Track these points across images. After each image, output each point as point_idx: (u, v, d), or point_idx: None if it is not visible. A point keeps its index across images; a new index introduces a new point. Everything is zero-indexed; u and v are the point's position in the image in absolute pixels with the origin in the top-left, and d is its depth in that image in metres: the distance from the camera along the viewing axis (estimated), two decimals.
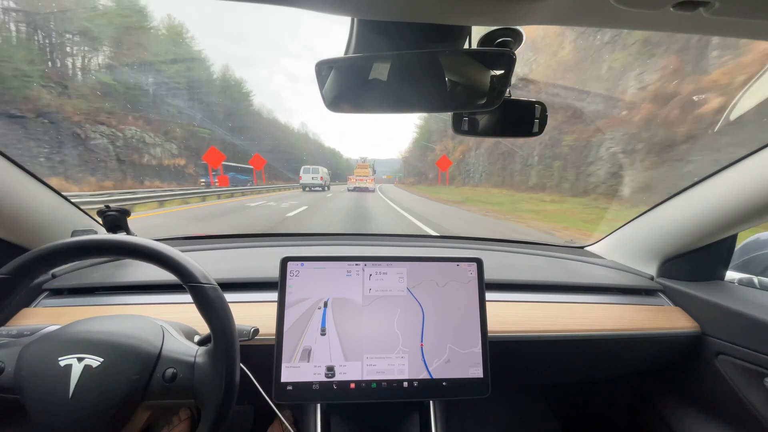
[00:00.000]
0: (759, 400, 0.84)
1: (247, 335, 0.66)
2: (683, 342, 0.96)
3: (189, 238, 1.32)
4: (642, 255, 1.15)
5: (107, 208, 1.03)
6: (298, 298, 0.75)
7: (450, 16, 0.45)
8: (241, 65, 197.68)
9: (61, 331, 0.57)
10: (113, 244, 0.57)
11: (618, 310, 0.99)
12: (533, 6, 0.40)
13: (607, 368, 1.06)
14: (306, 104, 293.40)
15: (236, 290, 0.90)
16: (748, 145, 0.79)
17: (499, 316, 0.89)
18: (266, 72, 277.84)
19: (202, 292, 0.56)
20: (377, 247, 1.27)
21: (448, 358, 0.76)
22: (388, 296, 0.77)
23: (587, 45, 13.86)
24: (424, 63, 0.56)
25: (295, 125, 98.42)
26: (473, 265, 0.81)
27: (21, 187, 0.83)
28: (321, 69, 0.56)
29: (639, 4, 0.37)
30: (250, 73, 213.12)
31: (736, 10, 0.37)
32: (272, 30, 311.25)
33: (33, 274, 0.55)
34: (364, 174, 28.05)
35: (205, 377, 0.55)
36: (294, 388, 0.72)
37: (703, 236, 0.95)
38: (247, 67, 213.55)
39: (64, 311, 0.83)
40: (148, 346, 0.56)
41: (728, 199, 0.86)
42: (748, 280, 1.04)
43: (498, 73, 0.57)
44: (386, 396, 0.73)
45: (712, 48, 8.38)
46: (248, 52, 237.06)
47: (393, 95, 0.59)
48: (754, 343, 0.83)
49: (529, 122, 0.73)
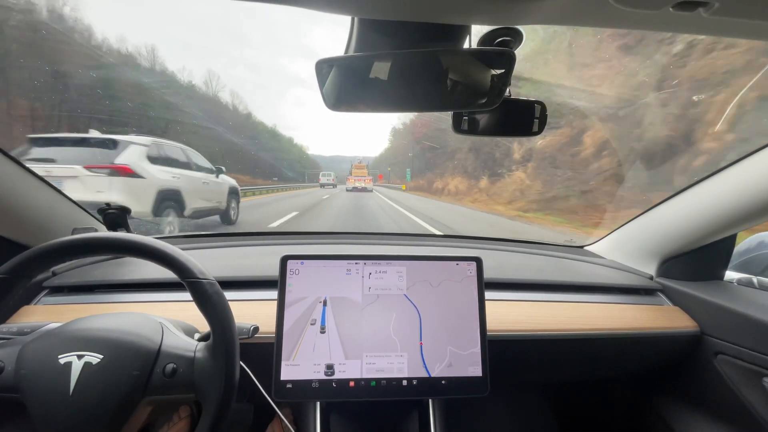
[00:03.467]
0: (758, 400, 0.84)
1: (247, 333, 0.67)
2: (682, 342, 0.97)
3: (189, 236, 1.33)
4: (641, 254, 1.15)
5: (107, 206, 1.04)
6: (297, 297, 0.75)
7: (450, 16, 0.45)
8: (200, 56, 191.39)
9: (60, 330, 0.58)
10: (111, 242, 0.57)
11: (617, 310, 0.99)
12: (533, 6, 0.40)
13: (605, 367, 1.06)
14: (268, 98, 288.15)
15: (236, 288, 0.90)
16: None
17: (498, 315, 0.89)
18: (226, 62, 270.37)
19: (200, 288, 0.56)
20: (377, 246, 1.28)
21: (449, 362, 0.76)
22: (388, 295, 0.78)
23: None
24: (424, 62, 0.56)
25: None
26: (473, 264, 0.81)
27: (21, 184, 0.83)
28: (321, 68, 0.56)
29: (638, 4, 0.37)
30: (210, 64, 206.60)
31: (735, 10, 0.37)
32: (232, 19, 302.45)
33: (31, 272, 0.55)
34: (361, 174, 28.70)
35: (205, 372, 0.55)
36: (293, 386, 0.72)
37: (702, 236, 0.95)
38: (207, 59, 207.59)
39: (64, 309, 0.84)
40: (147, 342, 0.57)
41: (728, 199, 0.86)
42: (747, 280, 1.04)
43: (498, 73, 0.57)
44: (385, 394, 0.74)
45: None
46: (209, 42, 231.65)
47: (393, 94, 0.59)
48: (753, 343, 0.83)
49: (529, 121, 0.73)
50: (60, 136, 4.43)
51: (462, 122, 0.75)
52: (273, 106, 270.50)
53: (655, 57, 7.98)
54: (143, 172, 4.08)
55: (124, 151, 4.01)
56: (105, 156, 3.88)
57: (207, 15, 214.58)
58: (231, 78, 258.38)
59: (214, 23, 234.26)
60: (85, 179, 3.67)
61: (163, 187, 4.30)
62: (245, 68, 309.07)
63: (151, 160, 4.28)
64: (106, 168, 3.80)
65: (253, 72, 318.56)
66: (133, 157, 4.04)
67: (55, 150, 3.91)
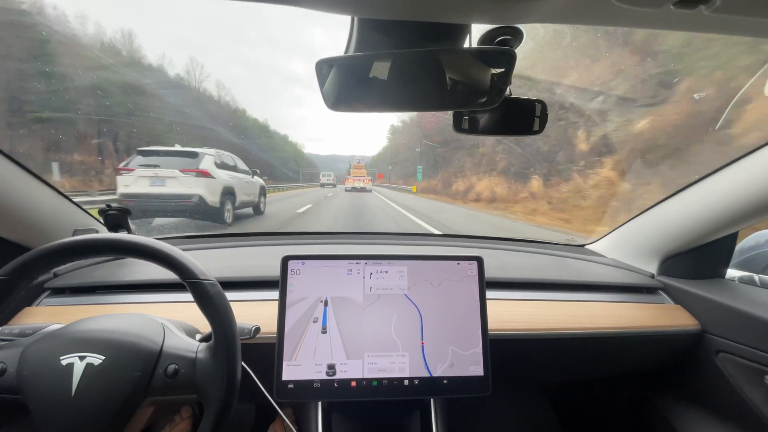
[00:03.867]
0: (759, 398, 0.84)
1: (249, 333, 0.67)
2: (684, 340, 0.97)
3: (190, 237, 1.33)
4: (642, 253, 1.15)
5: (108, 207, 1.04)
6: (299, 297, 0.75)
7: (450, 15, 0.45)
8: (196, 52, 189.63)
9: (61, 331, 0.58)
10: (112, 243, 0.57)
11: (618, 308, 0.99)
12: (534, 4, 0.40)
13: (607, 366, 1.06)
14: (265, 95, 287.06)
15: (237, 289, 0.91)
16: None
17: (499, 314, 0.89)
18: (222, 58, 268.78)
19: (201, 289, 0.56)
20: (378, 246, 1.28)
21: (451, 362, 0.76)
22: (389, 295, 0.78)
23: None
24: (424, 62, 0.56)
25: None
26: (474, 263, 0.81)
27: (22, 186, 0.83)
28: (321, 68, 0.56)
29: (640, 2, 0.37)
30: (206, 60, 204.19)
31: (736, 8, 0.37)
32: (230, 17, 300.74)
33: (32, 274, 0.55)
34: (360, 174, 28.97)
35: (207, 372, 0.55)
36: (295, 387, 0.72)
37: (703, 234, 0.95)
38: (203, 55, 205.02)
39: (65, 310, 0.84)
40: (149, 343, 0.57)
41: (729, 197, 0.86)
42: (748, 278, 1.04)
43: (498, 72, 0.57)
44: (387, 394, 0.74)
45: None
46: (203, 38, 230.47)
47: (393, 94, 0.59)
48: (755, 341, 0.83)
49: (530, 120, 0.73)
50: (159, 148, 6.22)
51: (462, 121, 0.75)
52: (269, 104, 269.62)
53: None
54: (215, 174, 5.80)
55: (202, 160, 5.71)
56: (191, 163, 5.60)
57: (204, 13, 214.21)
58: (228, 76, 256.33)
59: (209, 20, 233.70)
60: (181, 179, 5.42)
61: (225, 185, 6.00)
62: (241, 66, 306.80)
63: (217, 166, 6.00)
64: (193, 171, 5.52)
65: (249, 69, 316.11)
66: (209, 163, 5.78)
67: (157, 158, 5.58)
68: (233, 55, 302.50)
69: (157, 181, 5.35)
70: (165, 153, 5.83)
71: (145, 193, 5.32)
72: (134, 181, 5.34)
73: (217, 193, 5.73)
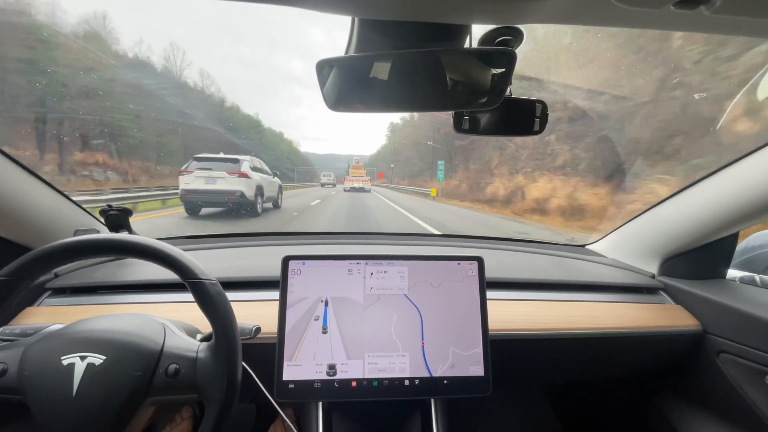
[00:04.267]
0: (760, 399, 0.84)
1: (249, 333, 0.67)
2: (685, 340, 0.96)
3: (191, 237, 1.33)
4: (643, 253, 1.14)
5: (109, 208, 1.04)
6: (299, 297, 0.75)
7: (451, 15, 0.45)
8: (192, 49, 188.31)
9: (62, 331, 0.58)
10: (112, 243, 0.57)
11: (619, 309, 0.99)
12: (534, 5, 0.40)
13: (608, 366, 1.06)
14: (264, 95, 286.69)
15: (238, 289, 0.91)
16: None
17: (500, 314, 0.89)
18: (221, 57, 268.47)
19: (202, 288, 0.56)
20: (379, 246, 1.28)
21: (452, 362, 0.76)
22: (390, 295, 0.78)
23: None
24: (425, 62, 0.56)
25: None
26: (474, 263, 0.81)
27: (23, 186, 0.84)
28: (322, 68, 0.56)
29: (640, 3, 0.37)
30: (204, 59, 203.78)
31: (737, 8, 0.37)
32: (227, 15, 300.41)
33: (33, 274, 0.55)
34: (359, 174, 29.00)
35: (208, 372, 0.56)
36: (296, 387, 0.72)
37: (704, 234, 0.95)
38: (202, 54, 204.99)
39: (66, 310, 0.84)
40: (149, 343, 0.57)
41: (730, 197, 0.85)
42: (749, 278, 1.04)
43: (499, 72, 0.57)
44: (387, 394, 0.74)
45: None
46: (199, 36, 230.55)
47: (394, 94, 0.59)
48: (756, 342, 0.83)
49: (530, 121, 0.73)
50: (210, 156, 7.88)
51: (463, 122, 0.75)
52: (267, 104, 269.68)
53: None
54: (251, 175, 7.73)
55: (242, 164, 7.64)
56: (234, 167, 7.52)
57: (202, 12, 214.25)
58: (224, 74, 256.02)
59: (206, 19, 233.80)
60: (228, 178, 7.32)
61: (257, 184, 7.92)
62: (240, 65, 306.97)
63: (251, 169, 7.88)
64: (236, 173, 7.40)
65: (248, 68, 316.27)
66: (247, 167, 7.71)
67: (209, 163, 7.52)
68: (232, 55, 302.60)
69: (210, 180, 7.25)
70: (214, 159, 7.74)
71: (202, 189, 7.25)
72: (193, 180, 7.21)
73: (252, 189, 7.62)
